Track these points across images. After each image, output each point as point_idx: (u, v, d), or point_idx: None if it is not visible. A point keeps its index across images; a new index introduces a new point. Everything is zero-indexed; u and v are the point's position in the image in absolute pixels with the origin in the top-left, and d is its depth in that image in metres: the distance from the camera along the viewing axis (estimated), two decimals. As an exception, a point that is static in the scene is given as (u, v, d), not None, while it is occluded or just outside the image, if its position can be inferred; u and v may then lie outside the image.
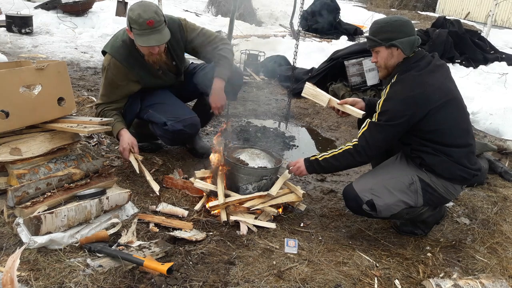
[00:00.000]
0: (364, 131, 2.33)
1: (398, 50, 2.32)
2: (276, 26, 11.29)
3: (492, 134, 4.63)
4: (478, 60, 7.11)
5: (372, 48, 2.41)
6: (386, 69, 2.42)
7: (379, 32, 2.35)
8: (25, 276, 1.85)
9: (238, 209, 2.56)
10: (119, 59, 2.74)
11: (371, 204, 2.34)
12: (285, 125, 4.52)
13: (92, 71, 5.53)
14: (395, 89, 2.30)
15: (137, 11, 2.52)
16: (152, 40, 2.57)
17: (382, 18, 2.47)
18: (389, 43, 2.31)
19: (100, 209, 2.28)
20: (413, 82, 2.26)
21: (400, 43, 2.29)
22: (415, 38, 2.32)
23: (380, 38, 2.33)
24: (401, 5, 19.56)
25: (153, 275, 1.97)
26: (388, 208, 2.35)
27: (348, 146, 2.39)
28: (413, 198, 2.37)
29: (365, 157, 2.36)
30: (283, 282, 2.06)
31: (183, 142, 3.33)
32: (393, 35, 2.31)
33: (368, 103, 2.67)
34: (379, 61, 2.40)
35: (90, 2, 8.60)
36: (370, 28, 2.44)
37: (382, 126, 2.29)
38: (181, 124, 2.86)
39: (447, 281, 2.05)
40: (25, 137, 2.34)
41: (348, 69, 5.26)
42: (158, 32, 2.58)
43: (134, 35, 2.59)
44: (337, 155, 2.41)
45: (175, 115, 2.88)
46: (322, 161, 2.47)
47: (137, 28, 2.53)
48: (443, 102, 2.26)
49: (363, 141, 2.32)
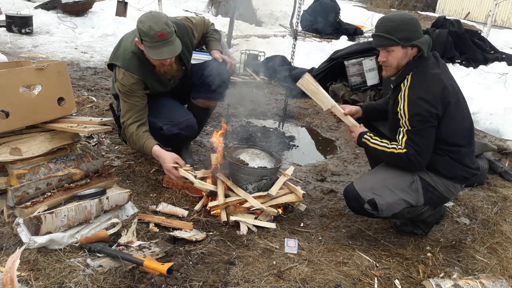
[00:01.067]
0: (406, 140, 2.24)
1: (413, 50, 2.27)
2: (276, 26, 11.29)
3: (492, 134, 4.63)
4: (478, 60, 7.11)
5: (384, 47, 2.30)
6: (396, 69, 2.34)
7: (396, 31, 2.23)
8: (25, 276, 1.85)
9: (238, 209, 2.56)
10: (132, 70, 2.66)
11: (373, 203, 2.33)
12: (282, 124, 4.52)
13: (92, 71, 5.53)
14: (416, 90, 2.23)
15: (148, 23, 2.46)
16: (165, 53, 2.52)
17: (391, 14, 2.34)
18: (410, 43, 2.23)
19: (100, 209, 2.28)
20: (432, 80, 2.24)
21: (421, 43, 2.23)
22: (428, 37, 2.30)
23: (398, 37, 2.22)
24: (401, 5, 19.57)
25: (153, 275, 1.97)
26: (390, 207, 2.34)
27: (399, 149, 2.27)
28: (414, 197, 2.36)
29: (417, 165, 2.27)
30: (283, 282, 2.06)
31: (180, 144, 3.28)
32: (412, 35, 2.23)
33: (365, 110, 2.67)
34: (390, 60, 2.31)
35: (90, 2, 8.60)
36: (382, 25, 2.28)
37: (422, 130, 2.22)
38: (177, 128, 2.81)
39: (447, 281, 2.05)
40: (25, 137, 2.34)
41: (348, 69, 5.26)
42: (170, 43, 2.53)
43: (145, 48, 2.53)
44: (388, 153, 2.31)
45: (171, 119, 2.82)
46: (372, 148, 2.39)
47: (149, 40, 2.48)
48: (455, 101, 2.27)
49: (412, 150, 2.23)
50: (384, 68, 2.40)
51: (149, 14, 2.55)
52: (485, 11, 14.71)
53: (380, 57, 2.37)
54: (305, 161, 3.71)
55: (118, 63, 2.68)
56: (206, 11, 12.21)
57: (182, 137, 2.92)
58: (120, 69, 2.67)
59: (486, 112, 4.95)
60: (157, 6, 10.20)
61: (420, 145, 2.23)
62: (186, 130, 2.88)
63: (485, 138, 4.49)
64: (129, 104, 2.69)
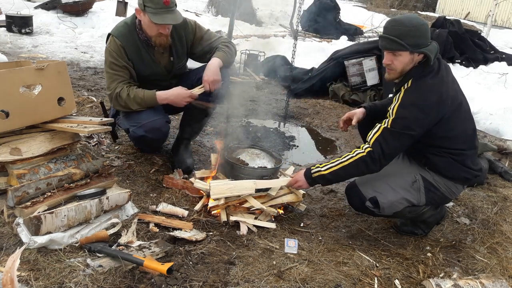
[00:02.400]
0: (378, 137, 2.21)
1: (419, 56, 2.23)
2: (276, 26, 11.29)
3: (492, 134, 4.63)
4: (478, 60, 7.11)
5: (392, 50, 2.24)
6: (400, 73, 2.30)
7: (407, 36, 2.17)
8: (25, 276, 1.85)
9: (238, 209, 2.56)
10: (117, 35, 2.72)
11: (374, 201, 2.33)
12: (283, 124, 4.52)
13: (92, 71, 5.53)
14: (411, 96, 2.21)
15: None
16: (168, 19, 2.59)
17: (402, 17, 2.26)
18: (418, 50, 2.19)
19: (100, 209, 2.28)
20: (430, 90, 2.20)
21: (429, 50, 2.19)
22: (436, 43, 2.26)
23: (408, 43, 2.17)
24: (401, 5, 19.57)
25: (153, 275, 1.97)
26: (391, 206, 2.34)
27: (359, 154, 2.24)
28: (416, 196, 2.36)
29: (379, 166, 2.25)
30: (283, 282, 2.05)
31: (155, 147, 3.17)
32: (422, 41, 2.19)
33: (369, 111, 2.66)
34: (395, 64, 2.25)
35: (90, 2, 8.60)
36: (393, 28, 2.21)
37: (399, 133, 2.19)
38: (142, 130, 2.71)
39: (447, 281, 2.05)
40: (25, 137, 2.34)
41: (348, 69, 5.27)
42: (173, 12, 2.60)
43: (148, 14, 2.58)
44: (347, 166, 2.26)
45: (138, 120, 2.73)
46: (328, 174, 2.31)
47: (153, 6, 2.54)
48: (455, 108, 2.26)
49: (379, 148, 2.20)
50: (388, 71, 2.35)
51: None
52: (485, 11, 14.72)
53: (385, 60, 2.31)
54: (305, 161, 3.71)
55: (110, 32, 2.77)
56: (206, 11, 12.20)
57: (148, 139, 2.79)
58: (110, 36, 2.75)
59: (486, 112, 4.95)
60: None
61: (390, 147, 2.20)
62: (152, 132, 2.73)
63: (485, 138, 4.49)
64: (111, 74, 2.72)
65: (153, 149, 3.24)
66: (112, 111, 3.06)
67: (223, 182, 2.56)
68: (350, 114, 2.70)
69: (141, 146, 3.19)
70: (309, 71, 5.91)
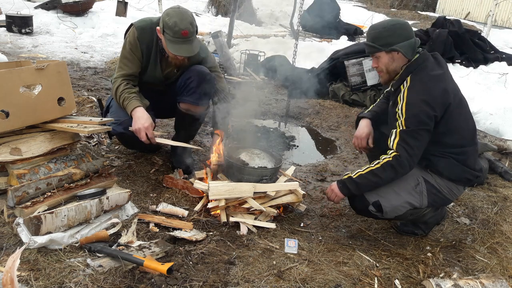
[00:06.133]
0: (398, 141, 2.23)
1: (399, 54, 2.31)
2: (276, 26, 11.29)
3: (492, 134, 4.63)
4: (478, 60, 7.10)
5: (372, 54, 2.39)
6: (388, 74, 2.39)
7: (378, 38, 2.31)
8: (25, 276, 1.85)
9: (238, 210, 2.56)
10: (137, 27, 2.73)
11: (377, 205, 2.33)
12: (284, 124, 4.52)
13: (92, 71, 5.53)
14: (415, 91, 2.24)
15: (174, 18, 2.54)
16: (184, 50, 2.61)
17: (379, 22, 2.44)
18: (390, 48, 2.29)
19: (100, 209, 2.28)
20: (432, 82, 2.24)
21: (401, 47, 2.28)
22: (415, 40, 2.32)
23: (379, 44, 2.31)
24: (401, 5, 19.57)
25: (153, 275, 1.97)
26: (394, 210, 2.34)
27: (386, 159, 2.26)
28: (418, 199, 2.36)
29: (408, 168, 2.25)
30: (283, 282, 2.05)
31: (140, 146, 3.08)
32: (393, 40, 2.29)
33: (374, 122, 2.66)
34: (380, 66, 2.38)
35: (90, 2, 8.60)
36: (368, 34, 2.39)
37: (416, 131, 2.21)
38: (121, 127, 2.72)
39: (447, 281, 2.05)
40: (25, 137, 2.34)
41: (348, 69, 5.27)
42: (190, 42, 2.61)
43: (165, 40, 2.60)
44: (376, 170, 2.27)
45: (118, 117, 2.73)
46: (357, 177, 2.32)
47: (171, 34, 2.56)
48: (457, 102, 2.28)
49: (404, 151, 2.21)
50: (378, 74, 2.48)
51: (177, 10, 2.60)
52: (485, 11, 14.72)
53: (372, 64, 2.47)
54: (305, 161, 3.72)
55: (134, 23, 2.78)
56: (206, 11, 12.21)
57: (128, 137, 2.77)
58: (132, 27, 2.76)
59: (486, 112, 4.95)
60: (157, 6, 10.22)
61: (412, 147, 2.22)
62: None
63: (485, 138, 4.49)
64: (120, 63, 2.76)
65: (141, 147, 3.20)
66: (105, 108, 3.06)
67: (222, 184, 2.56)
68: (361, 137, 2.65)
69: (126, 145, 3.17)
70: (309, 71, 5.91)
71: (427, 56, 2.33)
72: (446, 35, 6.95)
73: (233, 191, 2.50)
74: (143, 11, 9.83)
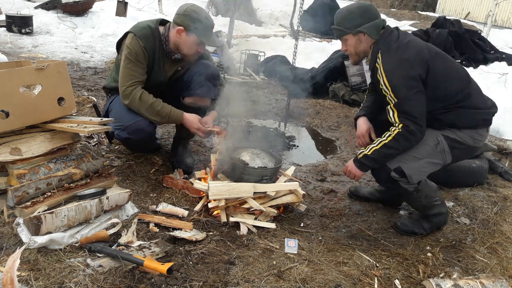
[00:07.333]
0: (398, 114, 2.27)
1: (365, 35, 2.40)
2: (276, 26, 11.30)
3: (492, 134, 4.63)
4: (478, 60, 7.11)
5: (340, 37, 2.48)
6: (357, 55, 2.50)
7: (343, 21, 2.42)
8: (25, 276, 1.85)
9: (238, 210, 2.56)
10: (140, 36, 2.72)
11: (400, 171, 2.33)
12: (284, 124, 4.52)
13: (92, 71, 5.53)
14: (390, 61, 2.30)
15: (203, 14, 2.74)
16: (216, 41, 2.91)
17: (345, 6, 2.53)
18: (356, 30, 2.39)
19: (100, 209, 2.28)
20: (401, 48, 2.31)
21: (366, 28, 2.38)
22: (379, 21, 2.41)
23: (345, 27, 2.42)
24: (401, 5, 19.58)
25: (153, 275, 1.97)
26: (418, 172, 2.35)
27: (396, 130, 2.28)
28: (441, 157, 2.39)
29: (419, 134, 2.27)
30: (283, 282, 2.05)
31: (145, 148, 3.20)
32: (358, 22, 2.39)
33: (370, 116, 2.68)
34: (349, 49, 2.48)
35: (90, 2, 8.60)
36: (335, 18, 2.48)
37: (408, 98, 2.24)
38: (125, 132, 2.73)
39: (447, 281, 2.05)
40: (25, 137, 2.34)
41: (348, 69, 5.27)
42: (215, 35, 2.90)
43: (196, 33, 2.68)
44: (389, 143, 2.30)
45: (121, 122, 2.73)
46: (371, 154, 2.36)
47: (202, 28, 2.70)
48: (434, 53, 2.33)
49: (407, 120, 2.24)
50: (349, 56, 2.57)
51: (198, 7, 2.78)
52: (485, 11, 14.72)
53: (341, 47, 2.57)
54: (305, 161, 3.72)
55: (130, 30, 2.79)
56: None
57: (133, 142, 2.82)
58: (130, 34, 2.76)
59: (486, 112, 4.94)
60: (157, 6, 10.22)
61: (413, 113, 2.24)
62: (135, 134, 2.73)
63: (485, 138, 4.48)
64: (128, 70, 2.70)
65: (144, 149, 3.23)
66: (103, 111, 3.06)
67: (222, 184, 2.56)
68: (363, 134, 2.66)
69: (130, 148, 3.21)
70: (309, 71, 5.91)
71: (390, 30, 2.42)
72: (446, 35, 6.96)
73: (233, 191, 2.51)
74: (143, 11, 9.83)
